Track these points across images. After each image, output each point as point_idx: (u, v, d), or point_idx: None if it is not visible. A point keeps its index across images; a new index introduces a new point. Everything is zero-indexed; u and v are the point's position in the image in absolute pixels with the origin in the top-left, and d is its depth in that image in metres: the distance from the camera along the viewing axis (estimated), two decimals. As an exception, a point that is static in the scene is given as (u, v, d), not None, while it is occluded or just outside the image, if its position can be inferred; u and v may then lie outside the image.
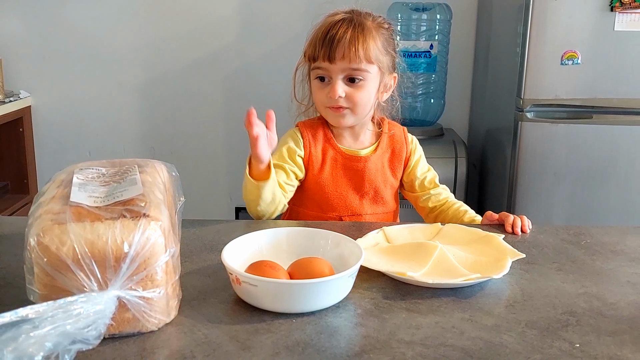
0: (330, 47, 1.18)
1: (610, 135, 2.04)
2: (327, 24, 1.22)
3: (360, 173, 1.28)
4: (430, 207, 1.33)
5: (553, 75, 2.00)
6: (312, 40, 1.23)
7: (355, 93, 1.22)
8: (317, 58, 1.21)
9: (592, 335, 0.76)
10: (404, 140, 1.33)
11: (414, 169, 1.34)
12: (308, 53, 1.24)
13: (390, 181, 1.32)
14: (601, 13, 1.95)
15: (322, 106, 1.26)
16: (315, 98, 1.27)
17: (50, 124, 2.75)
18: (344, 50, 1.18)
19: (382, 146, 1.31)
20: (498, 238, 1.03)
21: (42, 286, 0.69)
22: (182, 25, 2.64)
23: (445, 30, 2.41)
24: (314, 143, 1.27)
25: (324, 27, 1.21)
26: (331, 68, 1.20)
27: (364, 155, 1.29)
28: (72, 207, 0.73)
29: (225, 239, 0.93)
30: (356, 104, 1.22)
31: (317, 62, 1.22)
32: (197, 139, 2.75)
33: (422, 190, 1.34)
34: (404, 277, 0.89)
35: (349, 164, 1.28)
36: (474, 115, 2.67)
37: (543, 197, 2.09)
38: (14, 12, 2.65)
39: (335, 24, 1.21)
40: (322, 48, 1.19)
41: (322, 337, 0.74)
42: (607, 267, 0.98)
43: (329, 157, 1.28)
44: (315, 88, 1.25)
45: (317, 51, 1.20)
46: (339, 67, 1.20)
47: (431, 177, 1.34)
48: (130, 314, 0.71)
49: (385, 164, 1.31)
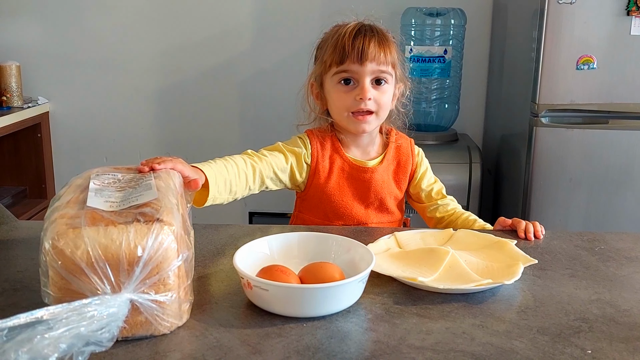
0: (362, 48, 1.19)
1: (627, 140, 2.02)
2: (349, 30, 1.22)
3: (366, 184, 1.28)
4: (438, 218, 1.32)
5: (568, 80, 1.99)
6: (335, 46, 1.22)
7: (381, 96, 1.23)
8: (344, 61, 1.20)
9: (605, 342, 0.76)
10: (410, 153, 1.34)
11: (420, 182, 1.34)
12: (331, 58, 1.22)
13: (395, 192, 1.32)
14: (617, 17, 1.93)
15: (345, 112, 1.24)
16: (338, 103, 1.25)
17: (67, 129, 2.79)
18: (375, 51, 1.20)
19: (388, 158, 1.31)
20: (510, 244, 1.03)
21: (57, 289, 0.70)
22: (197, 32, 2.67)
23: (460, 36, 2.41)
24: (322, 152, 1.28)
25: (348, 33, 1.21)
26: (361, 70, 1.20)
27: (371, 167, 1.29)
28: (87, 211, 0.74)
29: (238, 244, 0.94)
30: (381, 106, 1.23)
31: (344, 65, 1.21)
32: (212, 144, 2.77)
33: (429, 201, 1.34)
34: (415, 283, 0.89)
35: (356, 174, 1.28)
36: (489, 121, 2.66)
37: (559, 203, 2.07)
38: (33, 19, 2.70)
39: (360, 29, 1.21)
40: (353, 50, 1.19)
41: (332, 342, 0.74)
42: (621, 274, 0.98)
43: (336, 167, 1.28)
44: (339, 92, 1.24)
45: (345, 54, 1.20)
46: (369, 68, 1.20)
47: (438, 189, 1.35)
48: (143, 317, 0.72)
49: (390, 175, 1.31)
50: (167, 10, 2.66)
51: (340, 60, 1.21)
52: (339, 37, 1.22)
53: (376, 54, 1.20)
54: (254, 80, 2.70)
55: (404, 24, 2.43)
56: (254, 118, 2.74)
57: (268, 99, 2.68)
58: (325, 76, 1.26)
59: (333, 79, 1.24)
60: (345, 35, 1.21)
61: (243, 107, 2.74)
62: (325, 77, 1.26)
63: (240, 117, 2.75)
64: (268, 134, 2.71)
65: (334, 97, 1.25)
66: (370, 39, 1.20)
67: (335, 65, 1.22)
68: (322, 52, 1.26)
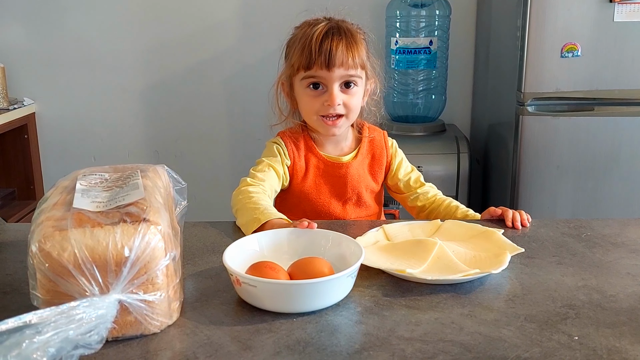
0: (329, 55, 1.18)
1: (612, 126, 2.03)
2: (317, 32, 1.20)
3: (342, 179, 1.29)
4: (419, 206, 1.33)
5: (553, 68, 2.00)
6: (303, 48, 1.20)
7: (350, 99, 1.23)
8: (311, 66, 1.19)
9: (591, 328, 0.77)
10: (384, 145, 1.34)
11: (396, 172, 1.35)
12: (299, 62, 1.21)
13: (372, 186, 1.32)
14: (600, 4, 1.94)
15: (313, 115, 1.24)
16: (307, 107, 1.24)
17: (54, 130, 2.77)
18: (343, 57, 1.18)
19: (362, 152, 1.31)
20: (498, 233, 1.04)
21: (45, 291, 0.70)
22: (182, 29, 2.65)
23: (445, 26, 2.41)
24: (297, 152, 1.28)
25: (316, 36, 1.19)
26: (328, 76, 1.20)
27: (346, 162, 1.29)
28: (74, 213, 0.74)
29: (227, 241, 0.94)
30: (351, 110, 1.23)
31: (311, 71, 1.20)
32: (200, 141, 2.76)
33: (409, 191, 1.34)
34: (404, 275, 0.89)
35: (331, 171, 1.29)
36: (476, 110, 2.67)
37: (546, 191, 2.09)
38: (17, 20, 2.67)
39: (327, 32, 1.20)
40: (320, 56, 1.18)
41: (322, 336, 0.75)
42: (607, 260, 0.99)
43: (312, 165, 1.28)
44: (307, 97, 1.23)
45: (313, 59, 1.18)
46: (337, 74, 1.20)
47: (416, 177, 1.35)
48: (133, 317, 0.72)
49: (366, 169, 1.32)
50: (151, 8, 2.64)
51: (307, 66, 1.20)
52: (307, 40, 1.20)
53: (344, 59, 1.18)
54: (239, 76, 2.69)
55: (389, 15, 2.43)
56: (240, 113, 2.74)
57: (254, 95, 2.68)
58: (294, 78, 1.25)
59: (302, 83, 1.23)
60: (313, 39, 1.19)
61: (229, 103, 2.73)
62: (294, 79, 1.25)
63: (227, 113, 2.75)
64: (254, 129, 2.72)
65: (303, 101, 1.25)
66: (337, 43, 1.18)
67: (302, 70, 1.21)
68: (290, 52, 1.25)
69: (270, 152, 1.29)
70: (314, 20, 1.25)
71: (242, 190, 1.19)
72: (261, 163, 1.27)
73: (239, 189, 1.20)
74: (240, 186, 1.21)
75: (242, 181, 1.22)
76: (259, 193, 1.17)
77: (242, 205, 1.14)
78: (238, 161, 2.78)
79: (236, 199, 1.18)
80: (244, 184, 1.21)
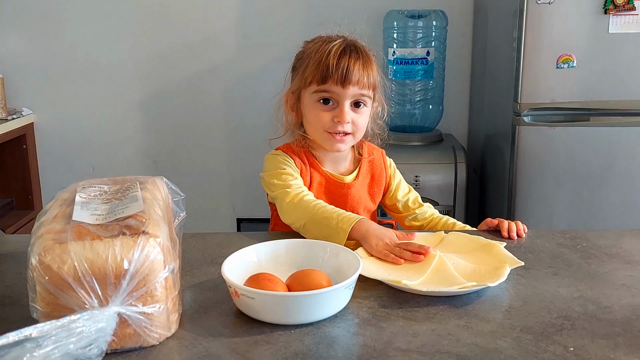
0: (346, 72, 1.18)
1: (608, 137, 2.05)
2: (334, 49, 1.20)
3: (343, 198, 1.28)
4: (417, 226, 1.32)
5: (549, 79, 2.01)
6: (318, 63, 1.20)
7: (359, 118, 1.23)
8: (326, 81, 1.19)
9: (587, 339, 0.77)
10: (383, 166, 1.34)
11: (395, 193, 1.35)
12: (313, 75, 1.20)
13: (369, 206, 1.32)
14: (595, 16, 1.96)
15: (321, 129, 1.23)
16: (315, 120, 1.23)
17: (53, 140, 2.78)
18: (359, 75, 1.19)
19: (362, 172, 1.31)
20: (499, 246, 1.04)
21: (45, 304, 0.70)
22: (181, 39, 2.67)
23: (442, 37, 2.43)
24: (304, 167, 1.27)
25: (334, 52, 1.19)
26: (342, 92, 1.20)
27: (347, 182, 1.29)
28: (73, 226, 0.75)
29: (226, 252, 0.94)
30: (359, 128, 1.24)
31: (325, 85, 1.20)
32: (199, 151, 2.77)
33: (407, 211, 1.34)
34: (400, 286, 0.90)
35: (333, 189, 1.28)
36: (473, 121, 2.68)
37: (543, 201, 2.10)
38: (16, 31, 2.69)
39: (345, 50, 1.20)
40: (336, 72, 1.18)
41: (320, 347, 0.76)
42: (603, 271, 1.00)
43: (315, 181, 1.27)
44: (317, 110, 1.23)
45: (329, 74, 1.18)
46: (351, 92, 1.20)
47: (414, 198, 1.35)
48: (132, 329, 0.73)
49: (366, 190, 1.32)
50: (149, 19, 2.66)
51: (322, 80, 1.20)
52: (323, 55, 1.20)
53: (360, 77, 1.19)
54: (238, 87, 2.70)
55: (387, 26, 2.45)
56: (239, 124, 2.75)
57: (252, 105, 2.69)
58: (304, 91, 1.24)
59: (312, 96, 1.23)
60: (330, 54, 1.19)
61: (228, 113, 2.74)
62: (304, 91, 1.24)
63: (226, 123, 2.75)
64: (253, 139, 2.73)
65: (311, 114, 1.24)
66: (355, 61, 1.19)
67: (316, 84, 1.21)
68: (302, 65, 1.24)
69: (280, 163, 1.25)
70: (328, 37, 1.25)
71: (299, 202, 1.16)
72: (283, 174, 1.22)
73: (292, 202, 1.16)
74: (287, 199, 1.17)
75: (284, 195, 1.18)
76: (315, 201, 1.16)
77: (311, 219, 1.12)
78: (236, 171, 2.78)
79: (299, 213, 1.15)
80: (293, 197, 1.17)
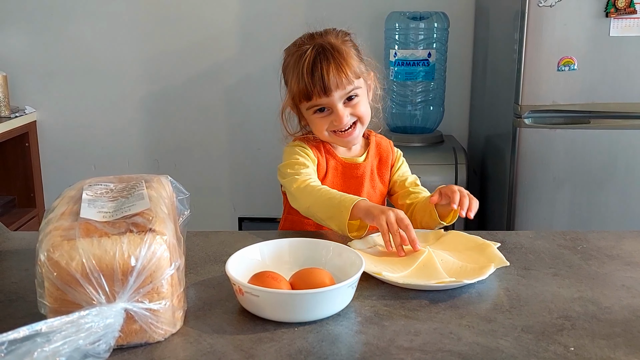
0: (322, 81, 1.21)
1: (608, 139, 2.06)
2: (306, 61, 1.22)
3: (359, 180, 1.31)
4: (407, 204, 1.31)
5: (550, 82, 2.02)
6: (298, 79, 1.23)
7: (357, 108, 1.26)
8: (310, 97, 1.23)
9: (587, 339, 0.78)
10: (390, 149, 1.37)
11: (397, 172, 1.37)
12: (298, 93, 1.24)
13: (379, 187, 1.35)
14: (596, 19, 1.97)
15: (325, 132, 1.28)
16: (317, 128, 1.28)
17: (55, 138, 2.79)
18: (336, 80, 1.21)
19: (370, 154, 1.34)
20: (492, 247, 1.05)
21: (53, 300, 0.71)
22: (183, 38, 2.68)
23: (443, 39, 2.44)
24: (320, 154, 1.31)
25: (306, 65, 1.22)
26: (329, 100, 1.23)
27: (360, 163, 1.33)
28: (81, 223, 0.76)
29: (229, 250, 0.95)
30: (361, 115, 1.27)
31: (312, 101, 1.23)
32: (200, 151, 2.78)
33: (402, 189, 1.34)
34: (380, 277, 0.93)
35: (349, 172, 1.32)
36: (473, 122, 2.69)
37: (543, 202, 2.11)
38: (19, 29, 2.70)
39: (315, 58, 1.22)
40: (315, 86, 1.21)
41: (323, 345, 0.77)
42: (603, 272, 1.01)
43: (330, 167, 1.31)
44: (316, 120, 1.27)
45: (310, 89, 1.22)
46: (337, 95, 1.23)
47: (412, 180, 1.35)
48: (138, 325, 0.74)
49: (375, 170, 1.35)
50: (152, 18, 2.67)
51: (306, 98, 1.24)
52: (299, 71, 1.23)
53: (337, 81, 1.21)
54: (240, 86, 2.71)
55: (388, 28, 2.46)
56: (241, 123, 2.76)
57: (255, 104, 2.70)
58: (299, 105, 1.28)
59: (308, 111, 1.27)
60: (304, 70, 1.22)
61: (230, 112, 2.75)
62: (300, 106, 1.28)
63: (228, 123, 2.76)
64: (254, 139, 2.74)
65: (313, 123, 1.29)
66: (328, 68, 1.21)
67: (304, 100, 1.25)
68: (288, 81, 1.29)
69: (294, 154, 1.28)
70: (300, 44, 1.27)
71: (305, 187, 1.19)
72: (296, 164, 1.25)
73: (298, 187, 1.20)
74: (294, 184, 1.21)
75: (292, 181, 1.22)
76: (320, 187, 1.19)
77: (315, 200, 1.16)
78: (237, 170, 2.79)
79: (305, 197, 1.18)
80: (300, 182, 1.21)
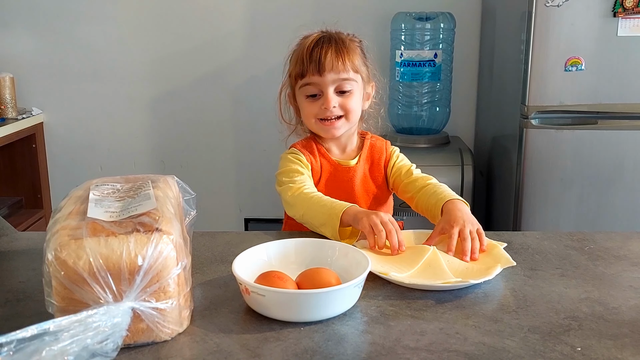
0: (319, 60, 1.24)
1: (616, 140, 2.05)
2: (308, 42, 1.27)
3: (349, 183, 1.32)
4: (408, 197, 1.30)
5: (557, 82, 2.02)
6: (297, 59, 1.28)
7: (347, 101, 1.27)
8: (305, 74, 1.25)
9: (594, 339, 0.78)
10: (384, 149, 1.36)
11: (393, 169, 1.35)
12: (295, 71, 1.28)
13: (372, 189, 1.34)
14: (604, 19, 1.97)
15: (312, 119, 1.29)
16: (306, 113, 1.30)
17: (62, 139, 2.80)
18: (332, 61, 1.24)
19: (362, 157, 1.34)
20: (499, 247, 1.05)
21: (60, 299, 0.72)
22: (189, 41, 2.69)
23: (449, 39, 2.44)
24: (314, 159, 1.32)
25: (307, 45, 1.26)
26: (321, 81, 1.25)
27: (352, 166, 1.33)
28: (88, 222, 0.76)
29: (235, 251, 0.96)
30: (349, 110, 1.28)
31: (306, 78, 1.26)
32: (206, 152, 2.79)
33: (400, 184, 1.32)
34: (387, 277, 0.93)
35: (341, 175, 1.32)
36: (480, 123, 2.69)
37: (550, 203, 2.10)
38: (26, 31, 2.71)
39: (318, 41, 1.27)
40: (311, 63, 1.24)
41: (329, 345, 0.77)
42: (610, 272, 1.00)
43: (324, 170, 1.32)
44: (305, 104, 1.29)
45: (305, 67, 1.25)
46: (330, 78, 1.25)
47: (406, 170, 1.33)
48: (145, 324, 0.74)
49: (367, 173, 1.35)
50: (159, 19, 2.68)
51: (301, 73, 1.26)
52: (300, 51, 1.27)
53: (334, 63, 1.24)
54: (246, 87, 2.72)
55: (394, 28, 2.46)
56: (247, 124, 2.76)
57: (260, 105, 2.70)
58: (296, 89, 1.31)
59: (301, 92, 1.29)
60: (305, 49, 1.26)
61: (236, 113, 2.76)
62: (296, 90, 1.31)
63: (234, 124, 2.77)
64: (260, 140, 2.74)
65: (303, 107, 1.31)
66: (327, 50, 1.25)
67: (299, 78, 1.27)
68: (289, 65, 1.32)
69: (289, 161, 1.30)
70: (308, 34, 1.31)
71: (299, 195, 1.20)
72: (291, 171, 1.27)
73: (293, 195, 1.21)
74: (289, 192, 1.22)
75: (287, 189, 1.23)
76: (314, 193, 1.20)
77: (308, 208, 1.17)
78: (243, 171, 2.80)
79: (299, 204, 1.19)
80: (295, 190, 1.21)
